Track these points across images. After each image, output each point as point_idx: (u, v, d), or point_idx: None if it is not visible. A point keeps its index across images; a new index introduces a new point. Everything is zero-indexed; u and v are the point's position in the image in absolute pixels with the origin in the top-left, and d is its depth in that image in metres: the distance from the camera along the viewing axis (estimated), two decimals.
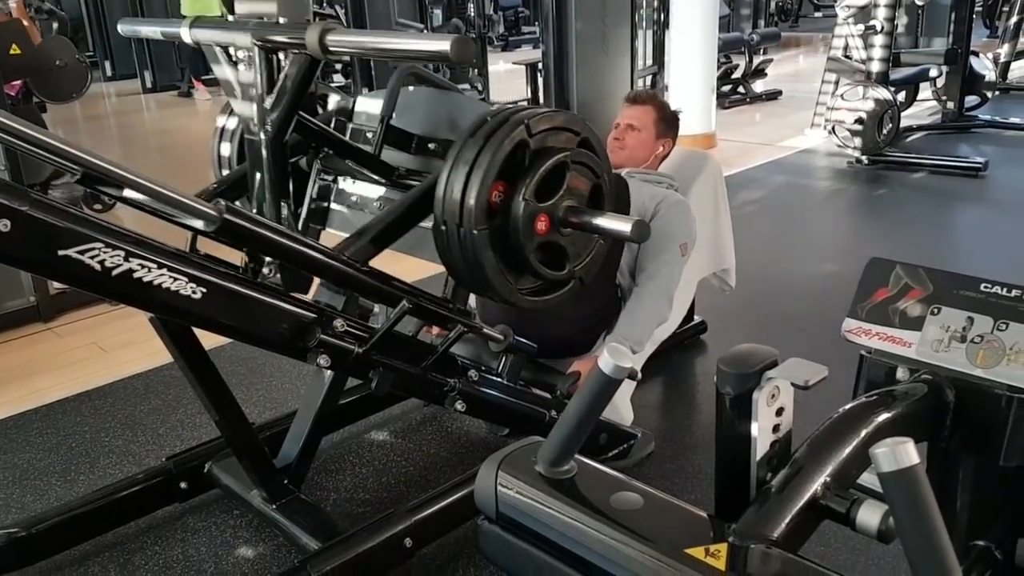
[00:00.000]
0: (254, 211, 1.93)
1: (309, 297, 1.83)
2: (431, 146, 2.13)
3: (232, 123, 2.31)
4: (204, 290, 1.51)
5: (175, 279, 1.46)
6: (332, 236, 2.12)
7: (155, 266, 1.43)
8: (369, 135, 2.19)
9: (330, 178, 2.27)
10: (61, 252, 1.34)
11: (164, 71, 10.83)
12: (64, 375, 3.14)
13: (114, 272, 1.39)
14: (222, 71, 1.94)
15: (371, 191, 2.19)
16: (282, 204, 1.93)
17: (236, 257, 1.68)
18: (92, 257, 1.36)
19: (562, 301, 1.93)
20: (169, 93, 10.62)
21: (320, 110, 2.31)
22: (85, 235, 1.36)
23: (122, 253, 1.39)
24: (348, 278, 1.79)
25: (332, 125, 2.22)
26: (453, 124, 2.12)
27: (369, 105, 2.25)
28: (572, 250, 1.84)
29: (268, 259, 1.84)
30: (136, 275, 1.41)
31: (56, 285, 3.61)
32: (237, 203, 1.70)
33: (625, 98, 2.88)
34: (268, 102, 1.85)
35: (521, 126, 1.70)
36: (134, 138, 8.49)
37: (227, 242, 1.60)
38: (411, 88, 2.23)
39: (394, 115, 2.11)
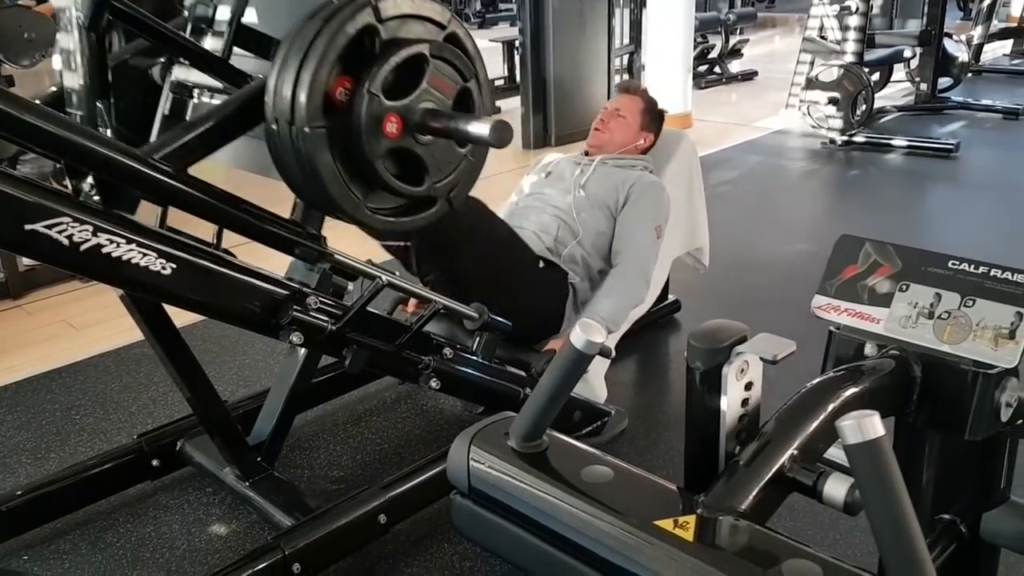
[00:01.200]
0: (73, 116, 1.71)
1: (281, 274, 1.82)
2: None
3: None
4: (174, 266, 1.50)
5: (144, 255, 1.45)
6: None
7: (124, 241, 1.42)
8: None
9: (184, 89, 1.91)
10: (28, 227, 1.32)
11: None
12: (34, 352, 3.11)
13: (82, 247, 1.37)
14: None
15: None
16: (99, 105, 1.69)
17: (208, 232, 1.67)
18: (60, 232, 1.35)
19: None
20: None
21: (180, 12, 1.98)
22: (53, 209, 1.34)
23: (90, 228, 1.38)
24: (164, 188, 1.53)
25: (189, 31, 1.89)
26: None
27: (228, 3, 1.92)
28: (432, 162, 1.63)
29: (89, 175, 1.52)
30: (105, 250, 1.40)
31: (26, 261, 3.56)
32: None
33: (617, 86, 3.00)
34: None
35: (368, 8, 1.50)
36: None
37: (6, 138, 1.37)
38: None
39: (255, 17, 1.85)
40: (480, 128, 1.52)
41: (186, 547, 2.07)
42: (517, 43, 6.30)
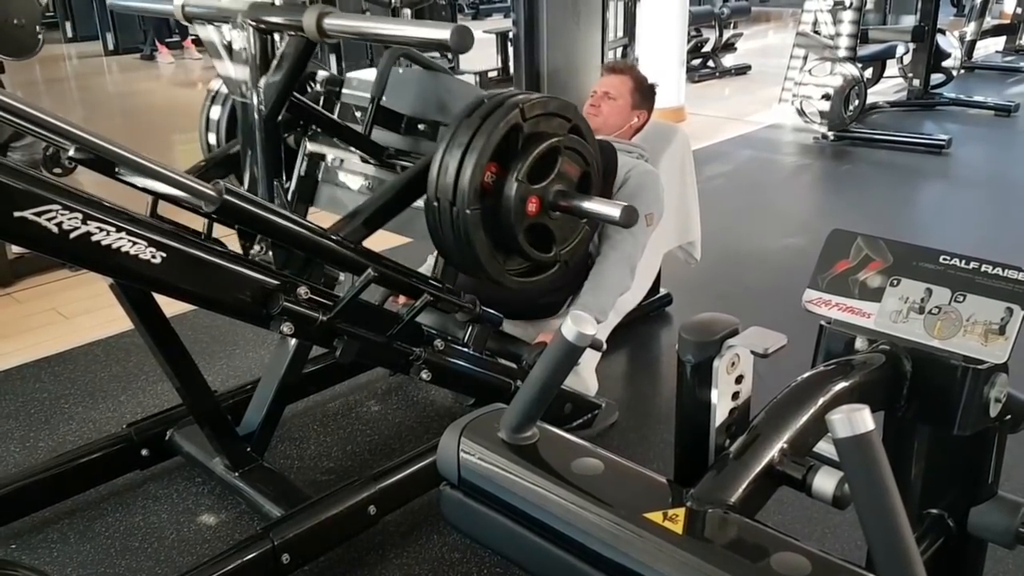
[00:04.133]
0: (245, 188, 1.96)
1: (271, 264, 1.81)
2: (420, 127, 2.18)
3: (224, 88, 2.30)
4: (164, 254, 1.49)
5: (134, 243, 1.44)
6: (316, 215, 2.13)
7: (114, 229, 1.41)
8: (358, 114, 2.22)
9: (319, 156, 2.28)
10: (17, 214, 1.31)
11: (126, 33, 10.60)
12: (23, 341, 3.10)
13: (72, 235, 1.36)
14: (215, 49, 1.93)
15: (360, 170, 2.20)
16: (275, 183, 1.95)
17: (198, 223, 1.66)
18: (49, 219, 1.34)
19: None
20: (131, 56, 10.40)
21: (309, 87, 2.30)
22: (42, 197, 1.33)
23: (80, 216, 1.37)
24: (342, 259, 1.84)
25: (321, 103, 2.24)
26: (442, 105, 2.16)
27: (358, 84, 2.27)
28: (560, 233, 1.90)
29: (259, 236, 1.86)
30: (95, 238, 1.39)
31: (15, 249, 3.55)
32: (223, 181, 1.70)
33: (604, 67, 2.92)
34: (262, 82, 1.86)
35: (516, 110, 1.75)
36: (98, 101, 8.32)
37: (226, 223, 1.64)
38: (401, 69, 2.25)
39: (383, 95, 2.13)
40: (611, 210, 1.81)
41: (175, 537, 2.06)
42: (511, 35, 6.28)
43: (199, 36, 2.01)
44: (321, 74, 2.33)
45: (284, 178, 2.05)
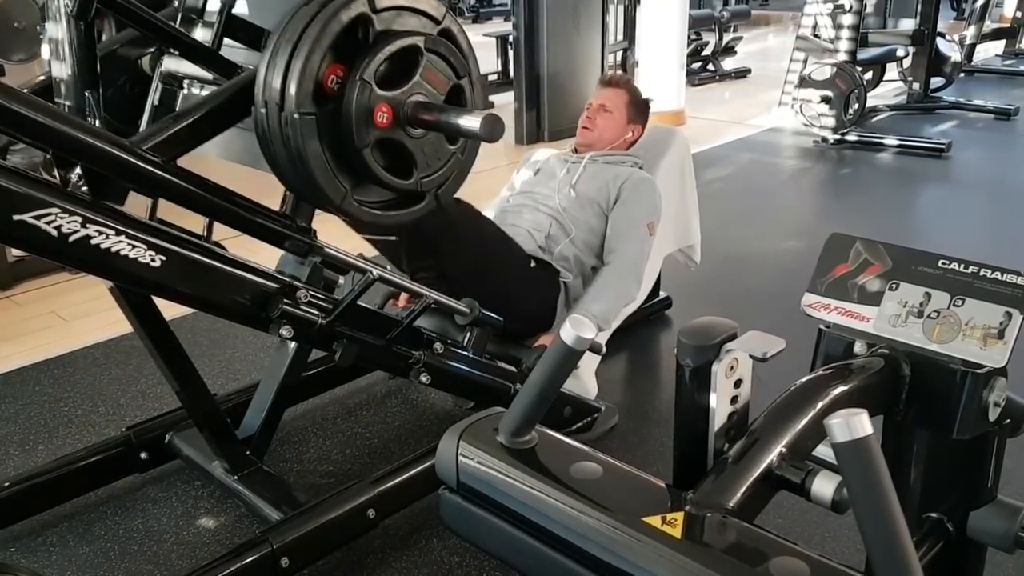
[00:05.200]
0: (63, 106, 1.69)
1: (272, 268, 1.81)
2: None
3: None
4: (163, 258, 1.49)
5: (133, 246, 1.44)
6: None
7: (113, 233, 1.41)
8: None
9: (173, 80, 1.93)
10: (16, 217, 1.31)
11: None
12: (23, 344, 3.09)
13: (71, 238, 1.36)
14: None
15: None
16: (87, 95, 1.67)
17: (198, 225, 1.66)
18: (48, 223, 1.34)
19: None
20: None
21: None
22: (41, 200, 1.33)
23: (79, 219, 1.37)
24: (153, 179, 1.51)
25: (179, 22, 1.90)
26: None
27: None
28: (421, 156, 1.63)
29: (78, 168, 1.52)
30: (94, 241, 1.39)
31: (15, 252, 3.54)
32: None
33: (600, 80, 2.91)
34: None
35: None
36: None
37: None
38: None
39: (246, 7, 1.88)
40: (471, 121, 1.51)
41: (174, 540, 2.06)
42: (511, 38, 6.29)
43: None
44: None
45: (99, 89, 1.71)
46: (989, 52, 9.43)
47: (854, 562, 0.87)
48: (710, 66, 8.80)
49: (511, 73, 6.68)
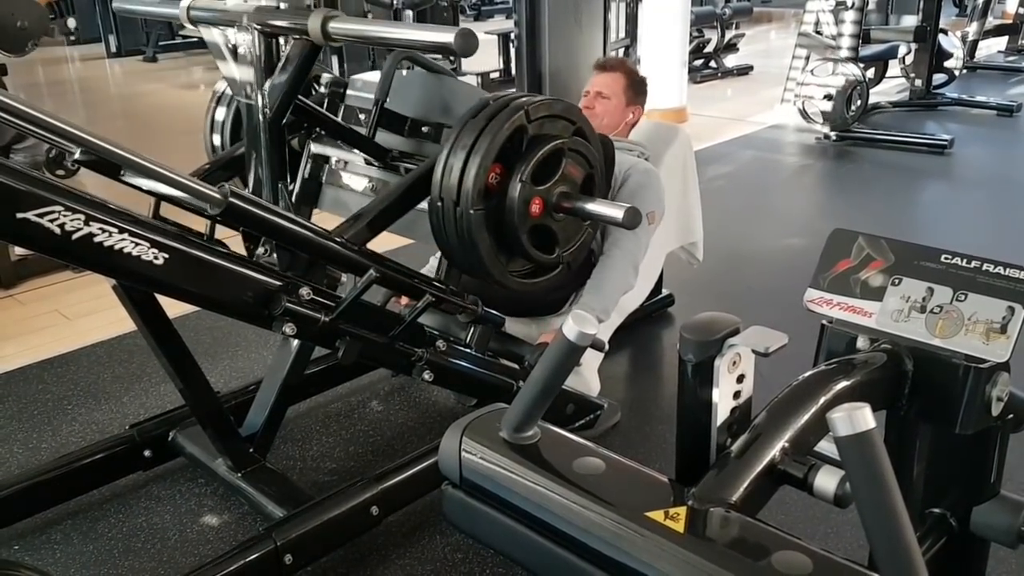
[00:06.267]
0: (249, 191, 1.98)
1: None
2: (424, 129, 2.18)
3: (228, 90, 2.31)
4: (166, 256, 1.49)
5: (137, 244, 1.44)
6: (320, 216, 2.13)
7: (116, 231, 1.41)
8: (362, 117, 2.22)
9: (322, 158, 2.29)
10: (20, 215, 1.32)
11: (129, 35, 10.61)
12: (26, 342, 3.10)
13: (74, 236, 1.37)
14: (219, 51, 1.95)
15: (364, 172, 2.21)
16: (279, 186, 1.96)
17: (200, 224, 1.66)
18: (52, 220, 1.34)
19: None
20: (134, 58, 10.42)
21: (313, 90, 2.30)
22: (44, 198, 1.34)
23: (82, 217, 1.37)
24: (346, 261, 1.84)
25: (325, 105, 2.24)
26: (446, 108, 2.16)
27: (363, 86, 2.28)
28: (563, 235, 1.92)
29: (263, 239, 1.87)
30: (97, 239, 1.39)
31: (18, 251, 3.55)
32: (227, 184, 1.70)
33: (594, 65, 2.86)
34: (267, 85, 1.87)
35: (521, 112, 1.77)
36: (99, 103, 8.33)
37: (231, 225, 1.65)
38: (404, 71, 2.25)
39: (387, 98, 2.13)
40: (614, 212, 1.82)
41: (178, 538, 2.06)
42: (513, 36, 6.29)
43: (203, 39, 2.02)
44: (325, 76, 2.33)
45: (288, 180, 2.06)
46: (991, 48, 9.41)
47: (857, 557, 0.87)
48: (712, 63, 8.79)
49: (513, 70, 6.67)
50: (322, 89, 2.33)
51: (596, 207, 1.85)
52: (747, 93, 7.96)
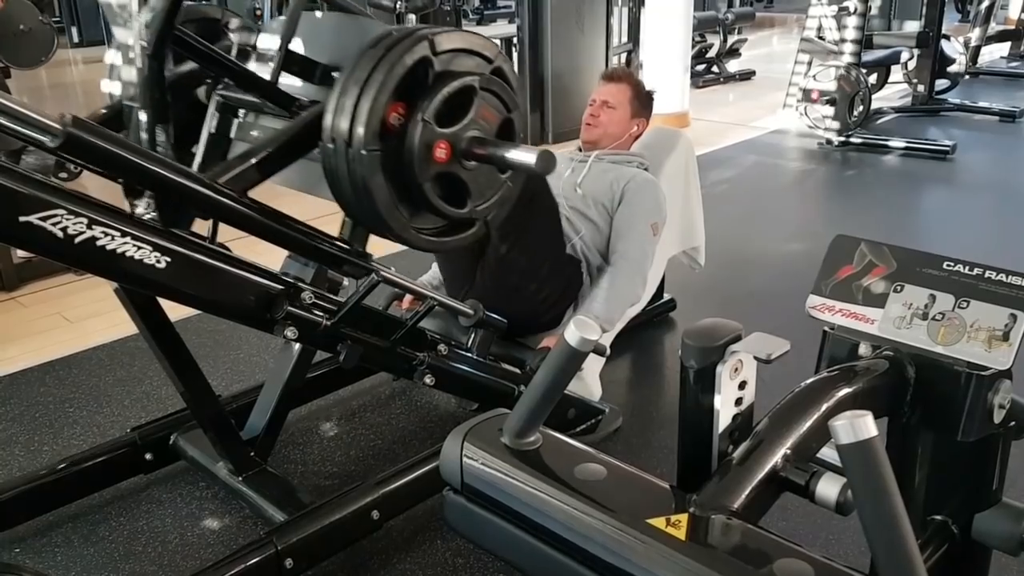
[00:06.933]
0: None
1: (276, 268, 1.81)
2: (335, 75, 1.88)
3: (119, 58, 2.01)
4: (168, 259, 1.49)
5: (139, 248, 1.44)
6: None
7: (119, 234, 1.41)
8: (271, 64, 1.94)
9: (229, 109, 2.02)
10: (22, 218, 1.32)
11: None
12: (28, 345, 3.10)
13: (76, 239, 1.37)
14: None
15: (275, 125, 1.96)
16: (158, 129, 1.74)
17: (202, 227, 1.66)
18: (54, 224, 1.35)
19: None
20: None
21: (224, 36, 2.09)
22: (47, 201, 1.34)
23: (85, 220, 1.37)
24: (224, 210, 1.61)
25: (234, 53, 2.00)
26: None
27: (274, 31, 1.99)
28: (475, 186, 1.72)
29: (146, 191, 1.62)
30: (99, 243, 1.39)
31: (20, 254, 3.55)
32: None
33: (601, 75, 2.88)
34: (143, 14, 1.68)
35: (424, 42, 1.59)
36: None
37: (76, 160, 1.47)
38: (318, 13, 2.05)
39: (301, 43, 1.93)
40: (526, 156, 1.60)
41: (178, 541, 2.06)
42: (515, 40, 6.29)
43: None
44: (234, 21, 2.12)
45: (171, 124, 1.77)
46: (994, 54, 9.41)
47: (859, 564, 0.87)
48: (714, 68, 8.79)
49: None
50: (233, 36, 2.08)
51: (509, 152, 1.63)
52: (749, 98, 7.96)
